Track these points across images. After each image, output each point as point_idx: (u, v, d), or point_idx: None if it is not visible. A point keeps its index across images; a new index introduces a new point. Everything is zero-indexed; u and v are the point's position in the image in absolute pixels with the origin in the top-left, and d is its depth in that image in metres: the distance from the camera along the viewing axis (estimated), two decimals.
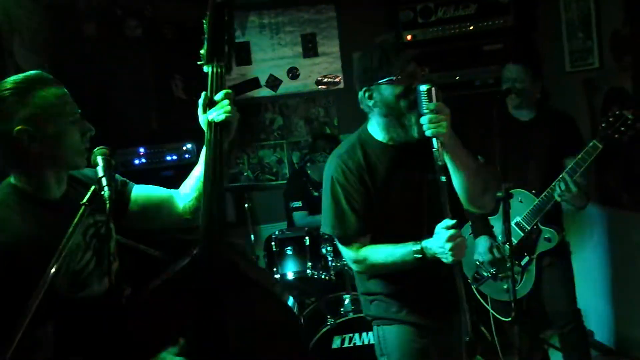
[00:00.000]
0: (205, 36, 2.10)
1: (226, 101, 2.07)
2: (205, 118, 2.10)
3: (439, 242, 2.36)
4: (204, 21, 2.10)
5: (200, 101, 2.11)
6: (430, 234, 2.45)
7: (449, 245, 2.32)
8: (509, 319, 3.77)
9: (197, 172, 2.22)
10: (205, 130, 2.10)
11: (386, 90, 2.50)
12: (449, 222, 2.34)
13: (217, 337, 2.05)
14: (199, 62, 2.13)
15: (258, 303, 2.17)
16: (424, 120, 2.34)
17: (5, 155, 2.00)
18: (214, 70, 2.11)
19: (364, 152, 2.60)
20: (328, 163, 2.67)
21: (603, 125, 3.39)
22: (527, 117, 3.85)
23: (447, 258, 2.35)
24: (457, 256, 2.34)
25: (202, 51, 2.11)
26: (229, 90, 2.10)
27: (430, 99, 2.34)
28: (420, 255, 2.44)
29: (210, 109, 2.09)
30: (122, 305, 2.08)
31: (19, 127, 1.92)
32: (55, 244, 1.81)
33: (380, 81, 2.50)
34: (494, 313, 3.87)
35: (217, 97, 2.09)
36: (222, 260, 2.06)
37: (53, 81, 2.01)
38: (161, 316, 2.08)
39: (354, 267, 2.68)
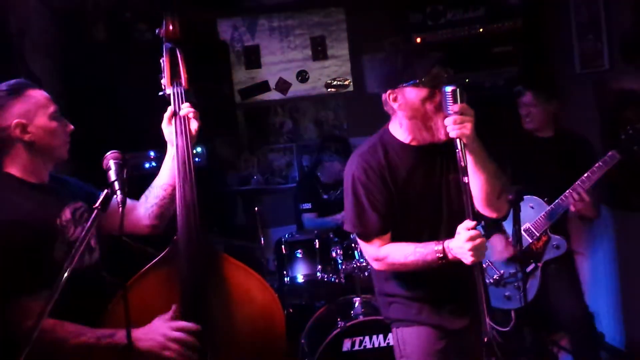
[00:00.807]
0: (164, 71, 2.54)
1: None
2: (169, 129, 2.49)
3: (459, 241, 2.35)
4: (161, 60, 2.55)
5: (166, 115, 2.49)
6: (447, 234, 2.47)
7: (468, 245, 2.31)
8: (507, 328, 3.77)
9: (157, 182, 2.52)
10: (172, 139, 2.46)
11: (411, 93, 2.50)
12: (469, 222, 2.32)
13: (200, 318, 2.27)
14: (160, 93, 2.56)
15: (240, 283, 2.39)
16: (448, 121, 2.35)
17: (2, 147, 2.28)
18: (175, 91, 2.52)
19: (385, 151, 2.61)
20: (349, 162, 2.68)
21: (623, 137, 3.43)
22: (545, 134, 3.91)
23: (466, 259, 2.34)
24: (476, 257, 2.32)
25: (162, 81, 2.55)
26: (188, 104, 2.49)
27: (455, 100, 2.34)
28: (442, 255, 2.44)
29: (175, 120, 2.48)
30: (105, 278, 2.34)
31: (15, 120, 2.23)
32: (47, 219, 2.22)
33: (404, 84, 2.50)
34: (492, 323, 3.85)
35: (182, 112, 2.47)
36: (202, 245, 2.33)
37: (37, 86, 2.36)
38: (147, 300, 2.28)
39: (374, 265, 2.68)
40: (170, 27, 2.55)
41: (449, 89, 2.35)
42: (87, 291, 2.26)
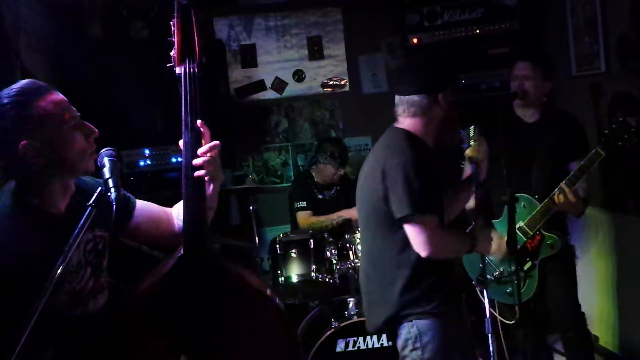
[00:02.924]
0: (175, 38, 2.10)
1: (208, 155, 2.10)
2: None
3: (496, 238, 2.98)
4: (171, 23, 2.11)
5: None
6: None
7: (503, 243, 2.98)
8: (513, 322, 3.76)
9: None
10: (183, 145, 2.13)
11: (451, 96, 2.83)
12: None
13: (205, 338, 2.03)
14: (168, 65, 2.14)
15: (249, 304, 2.14)
16: (468, 152, 2.86)
17: (12, 170, 2.00)
18: (187, 70, 2.11)
19: (422, 146, 2.82)
20: (392, 154, 2.79)
21: (606, 132, 3.37)
22: (531, 119, 3.82)
23: (492, 252, 3.02)
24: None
25: (172, 53, 2.12)
26: (216, 143, 2.13)
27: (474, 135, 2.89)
28: (472, 245, 2.86)
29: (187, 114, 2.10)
30: (115, 320, 2.07)
31: (23, 143, 1.90)
32: (51, 263, 1.80)
33: (450, 88, 2.84)
34: (499, 316, 3.86)
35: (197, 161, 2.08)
36: (209, 261, 2.06)
37: (49, 89, 2.00)
38: (149, 320, 2.05)
39: (427, 250, 2.71)
40: None
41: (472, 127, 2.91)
42: (90, 342, 2.00)
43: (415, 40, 5.31)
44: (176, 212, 2.32)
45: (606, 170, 3.94)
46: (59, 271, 1.74)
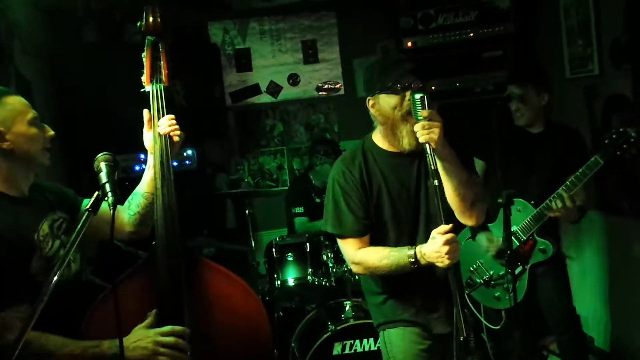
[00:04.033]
0: (144, 66, 2.46)
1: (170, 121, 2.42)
2: (149, 134, 2.44)
3: (435, 246, 2.43)
4: (142, 55, 2.47)
5: (145, 119, 2.44)
6: (425, 239, 2.54)
7: (445, 249, 2.39)
8: (498, 327, 3.78)
9: (139, 189, 2.48)
10: (153, 141, 2.40)
11: (383, 100, 2.61)
12: (444, 226, 2.41)
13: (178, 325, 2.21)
14: (141, 90, 2.48)
15: (221, 290, 2.32)
16: (417, 127, 2.45)
17: None
18: (154, 88, 2.44)
19: (364, 157, 2.71)
20: (333, 167, 2.79)
21: (606, 141, 3.39)
22: (536, 130, 3.86)
23: (442, 262, 2.42)
24: (452, 260, 2.41)
25: (142, 78, 2.47)
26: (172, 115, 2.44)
27: (423, 107, 2.45)
28: (414, 260, 2.51)
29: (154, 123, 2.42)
30: (85, 291, 2.32)
31: None
32: (25, 234, 2.19)
33: (378, 92, 2.62)
34: (485, 322, 3.87)
35: (162, 130, 2.40)
36: (181, 250, 2.26)
37: (16, 92, 2.33)
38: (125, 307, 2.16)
39: (353, 268, 2.75)
40: (151, 19, 2.44)
41: (417, 95, 2.46)
42: (65, 308, 2.18)
43: (409, 44, 5.31)
44: (127, 204, 2.52)
45: (601, 173, 3.94)
46: (55, 277, 1.88)
